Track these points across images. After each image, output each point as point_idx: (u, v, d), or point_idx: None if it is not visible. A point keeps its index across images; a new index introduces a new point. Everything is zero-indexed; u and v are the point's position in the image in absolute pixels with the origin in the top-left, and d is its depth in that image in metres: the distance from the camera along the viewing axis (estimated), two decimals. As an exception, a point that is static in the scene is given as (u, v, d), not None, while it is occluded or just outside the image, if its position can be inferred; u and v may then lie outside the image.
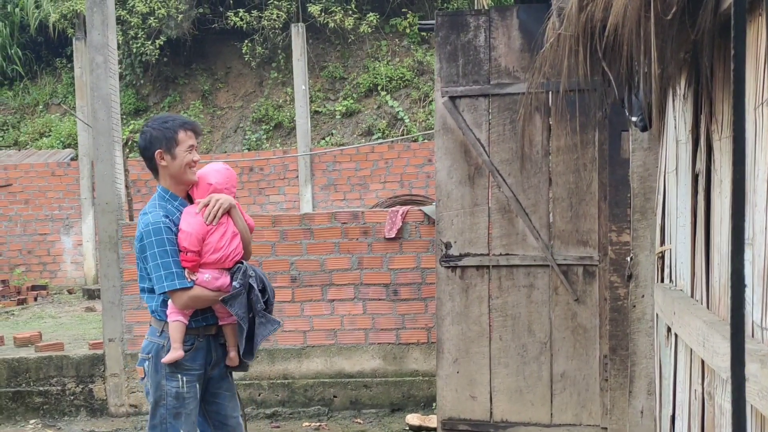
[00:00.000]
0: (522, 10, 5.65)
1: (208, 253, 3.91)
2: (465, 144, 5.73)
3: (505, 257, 5.72)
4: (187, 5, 15.80)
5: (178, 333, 3.90)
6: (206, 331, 4.01)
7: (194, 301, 3.89)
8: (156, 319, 4.00)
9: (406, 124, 15.07)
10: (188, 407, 3.95)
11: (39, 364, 7.28)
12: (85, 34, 13.63)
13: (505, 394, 5.76)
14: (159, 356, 3.93)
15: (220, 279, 3.95)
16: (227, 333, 4.07)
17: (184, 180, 3.96)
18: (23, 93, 17.80)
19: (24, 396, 7.23)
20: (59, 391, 7.25)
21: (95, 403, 7.26)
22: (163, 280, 3.83)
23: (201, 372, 4.00)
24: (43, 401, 7.24)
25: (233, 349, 4.07)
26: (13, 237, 14.04)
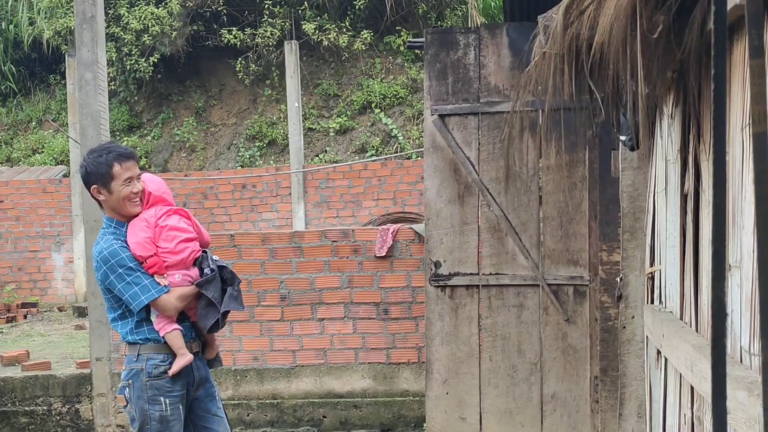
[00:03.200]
0: (512, 28, 5.62)
1: (169, 257, 3.93)
2: (454, 162, 5.69)
3: (494, 276, 5.66)
4: (181, 22, 15.78)
5: (179, 340, 3.90)
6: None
7: (182, 301, 3.91)
8: (129, 344, 3.97)
9: (399, 142, 15.04)
10: (173, 429, 3.91)
11: (25, 384, 7.20)
12: (78, 50, 13.63)
13: (494, 415, 5.69)
14: (140, 381, 3.89)
15: (190, 274, 3.98)
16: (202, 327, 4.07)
17: (124, 212, 3.95)
18: (16, 109, 17.76)
19: (9, 416, 7.14)
20: (45, 411, 7.16)
21: (81, 424, 7.17)
22: (140, 295, 3.82)
23: (183, 392, 3.95)
24: (29, 421, 7.15)
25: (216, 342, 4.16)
26: (4, 254, 13.93)
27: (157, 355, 3.91)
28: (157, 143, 16.51)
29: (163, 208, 3.99)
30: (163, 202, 4.02)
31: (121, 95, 16.63)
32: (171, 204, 4.06)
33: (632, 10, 2.75)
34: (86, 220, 7.18)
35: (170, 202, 4.07)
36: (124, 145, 4.12)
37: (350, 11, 16.09)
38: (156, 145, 16.43)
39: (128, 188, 3.87)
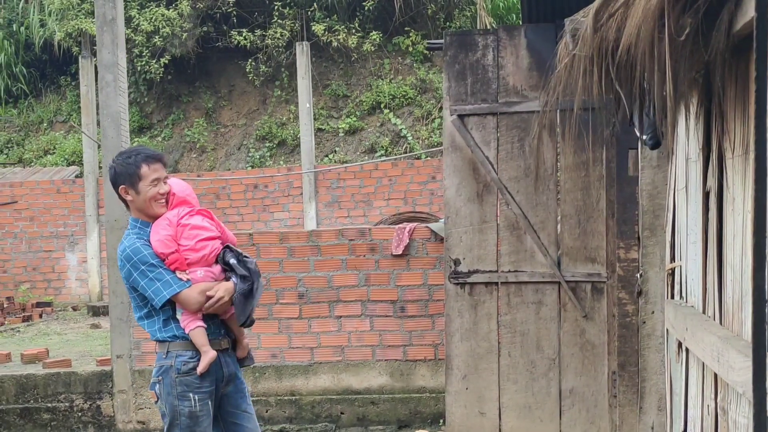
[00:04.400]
0: (530, 30, 5.72)
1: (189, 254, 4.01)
2: (473, 162, 5.79)
3: (513, 274, 5.76)
4: (192, 24, 15.90)
5: (202, 337, 3.96)
6: (213, 345, 4.02)
7: (205, 295, 3.96)
8: (159, 342, 4.05)
9: (409, 142, 15.14)
10: (202, 425, 3.98)
11: (47, 381, 7.31)
12: (90, 52, 13.75)
13: (513, 410, 5.79)
14: (169, 378, 3.97)
15: (212, 270, 4.05)
16: (233, 324, 4.13)
17: (150, 213, 4.04)
18: (28, 111, 17.89)
19: (32, 412, 7.25)
20: (67, 407, 7.26)
21: (103, 420, 7.27)
22: (162, 290, 3.91)
23: (212, 389, 4.02)
24: (51, 418, 7.26)
25: (244, 338, 4.20)
26: (18, 254, 14.07)
27: (185, 351, 3.98)
28: (168, 144, 16.63)
29: (186, 209, 4.07)
30: (187, 203, 4.10)
31: (132, 96, 16.75)
32: (194, 206, 4.15)
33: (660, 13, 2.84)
34: (107, 219, 7.28)
35: (194, 204, 4.14)
36: (152, 148, 4.19)
37: (359, 12, 16.20)
38: (166, 146, 16.55)
39: (155, 189, 3.97)
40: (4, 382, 7.29)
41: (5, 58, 17.70)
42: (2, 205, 14.10)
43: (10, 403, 7.27)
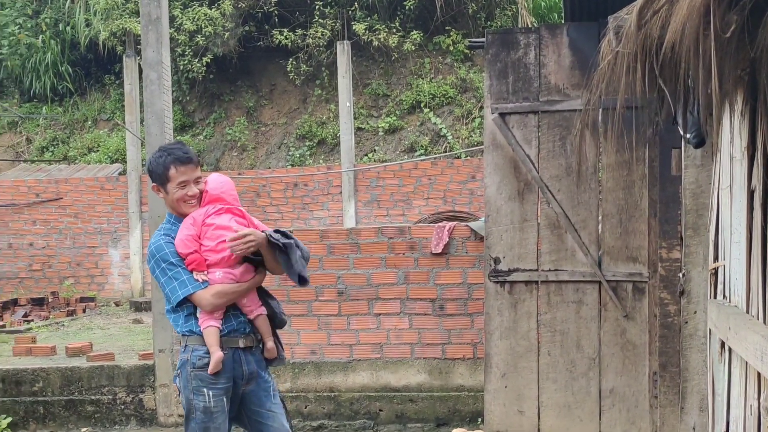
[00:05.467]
0: (572, 28, 5.71)
1: (209, 255, 4.01)
2: (514, 160, 5.79)
3: (554, 273, 5.75)
4: (234, 23, 16.03)
5: (212, 337, 3.96)
6: (229, 342, 4.03)
7: (219, 297, 3.95)
8: (180, 336, 4.10)
9: (448, 141, 15.13)
10: (216, 421, 3.99)
11: (91, 374, 7.43)
12: (135, 51, 13.95)
13: (553, 409, 5.78)
14: (186, 371, 4.01)
15: (232, 272, 4.02)
16: (259, 325, 4.11)
17: (179, 212, 4.07)
18: (73, 109, 18.16)
19: (76, 404, 7.38)
20: (110, 400, 7.38)
21: (145, 413, 7.38)
22: (177, 289, 3.94)
23: (228, 385, 4.02)
24: (95, 410, 7.38)
25: (269, 340, 4.14)
26: (63, 250, 14.30)
27: (201, 347, 3.99)
28: (209, 142, 16.79)
29: (215, 207, 4.06)
30: (221, 201, 4.08)
31: (174, 95, 16.92)
32: (228, 203, 4.11)
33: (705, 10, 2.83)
34: (149, 216, 7.39)
35: (228, 201, 4.11)
36: (186, 148, 4.14)
37: (400, 12, 16.21)
38: (208, 144, 16.71)
39: (182, 191, 4.00)
40: (50, 375, 7.43)
41: (51, 57, 17.98)
42: (48, 201, 14.35)
43: (56, 395, 7.41)
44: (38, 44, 17.95)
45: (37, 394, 7.41)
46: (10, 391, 7.42)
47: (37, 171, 15.99)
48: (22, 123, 18.02)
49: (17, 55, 18.15)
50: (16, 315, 11.48)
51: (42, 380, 7.43)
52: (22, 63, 18.20)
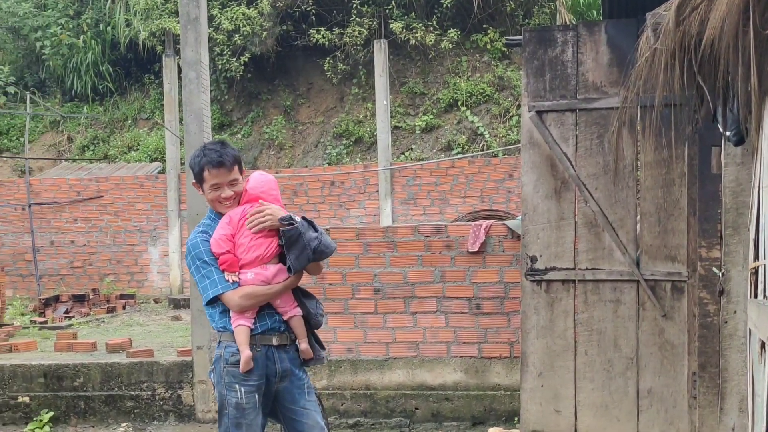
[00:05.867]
0: (611, 25, 5.66)
1: (242, 254, 4.00)
2: (551, 158, 5.76)
3: (591, 272, 5.71)
4: (271, 22, 16.13)
5: (242, 336, 3.96)
6: (263, 340, 4.03)
7: (248, 299, 3.95)
8: (216, 331, 4.13)
9: (486, 140, 15.08)
10: (248, 417, 4.00)
11: (130, 370, 7.53)
12: (174, 51, 14.09)
13: (590, 409, 5.74)
14: (219, 367, 4.03)
15: (264, 273, 4.00)
16: (294, 326, 4.10)
17: (216, 210, 4.08)
18: (113, 108, 18.39)
19: (116, 399, 7.48)
20: (149, 396, 7.47)
21: (183, 409, 7.46)
22: (208, 288, 3.96)
23: (260, 383, 4.02)
24: (134, 405, 7.48)
25: (303, 341, 4.11)
26: (103, 247, 14.51)
27: (233, 343, 4.00)
28: (247, 141, 16.91)
29: (252, 206, 4.04)
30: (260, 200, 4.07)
31: (213, 94, 17.06)
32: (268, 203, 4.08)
33: (744, 6, 2.80)
34: (188, 214, 7.46)
35: (268, 201, 4.08)
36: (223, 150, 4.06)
37: (437, 10, 16.20)
38: (246, 143, 16.83)
39: (215, 193, 4.01)
40: (91, 370, 7.54)
41: (92, 57, 18.23)
42: (89, 199, 14.56)
43: (96, 390, 7.51)
44: (79, 44, 18.21)
45: (78, 389, 7.53)
46: (51, 385, 7.55)
47: (78, 169, 16.23)
48: (63, 122, 18.30)
49: (59, 56, 18.44)
50: (58, 311, 11.66)
51: (83, 375, 7.54)
52: (63, 63, 18.49)
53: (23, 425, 7.47)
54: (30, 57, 19.54)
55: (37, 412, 7.49)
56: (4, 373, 7.61)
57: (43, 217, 14.68)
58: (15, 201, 14.78)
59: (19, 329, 10.08)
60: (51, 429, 7.39)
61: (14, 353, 8.28)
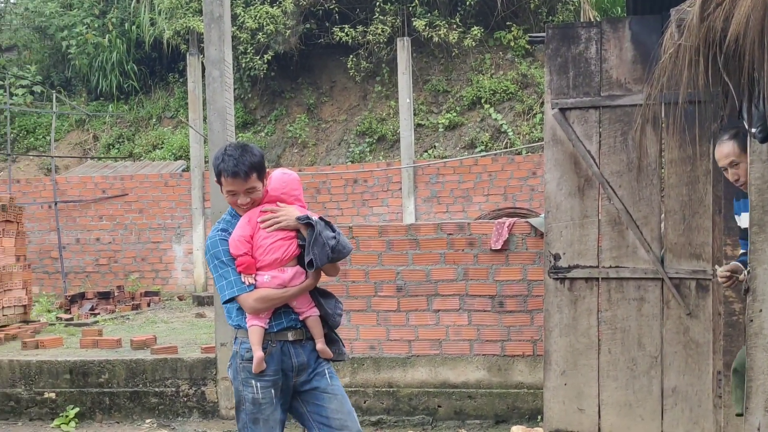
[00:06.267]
0: (635, 22, 5.63)
1: (260, 255, 3.95)
2: (575, 156, 5.73)
3: (614, 270, 5.68)
4: (295, 21, 16.17)
5: (255, 336, 3.94)
6: (279, 336, 4.01)
7: (262, 302, 3.92)
8: (233, 328, 4.12)
9: (509, 137, 15.04)
10: (265, 413, 3.99)
11: (155, 366, 7.58)
12: (198, 49, 14.16)
13: (613, 407, 5.71)
14: (235, 363, 4.04)
15: (281, 276, 3.96)
16: (310, 326, 4.06)
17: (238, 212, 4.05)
18: (138, 107, 18.53)
19: (140, 396, 7.54)
20: (173, 392, 7.52)
21: (207, 405, 7.50)
22: (224, 289, 3.94)
23: (276, 378, 4.00)
24: (158, 402, 7.53)
25: (320, 341, 4.07)
26: (128, 245, 14.62)
27: (248, 340, 4.00)
28: (270, 139, 16.97)
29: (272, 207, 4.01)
30: (280, 201, 4.03)
31: (236, 92, 17.13)
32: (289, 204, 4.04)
33: (770, 1, 2.77)
34: (212, 212, 7.49)
35: (290, 202, 4.05)
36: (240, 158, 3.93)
37: (460, 7, 16.17)
38: (269, 141, 16.89)
39: (232, 199, 3.98)
40: (115, 366, 7.61)
41: (117, 56, 18.37)
42: (114, 197, 14.67)
43: (121, 386, 7.57)
44: (105, 43, 18.36)
45: (103, 386, 7.59)
46: (77, 381, 7.62)
47: (103, 168, 16.37)
48: (89, 121, 18.46)
49: (85, 55, 18.61)
50: (84, 308, 11.76)
51: (108, 372, 7.60)
52: (89, 62, 18.66)
53: (50, 420, 7.55)
54: (56, 56, 19.74)
55: (63, 407, 7.57)
56: (31, 369, 7.70)
57: (69, 215, 14.82)
58: (41, 199, 14.93)
59: (46, 326, 10.18)
60: (77, 424, 7.46)
61: (41, 349, 8.36)
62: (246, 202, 3.97)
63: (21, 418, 7.67)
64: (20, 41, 20.29)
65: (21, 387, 7.69)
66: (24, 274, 10.23)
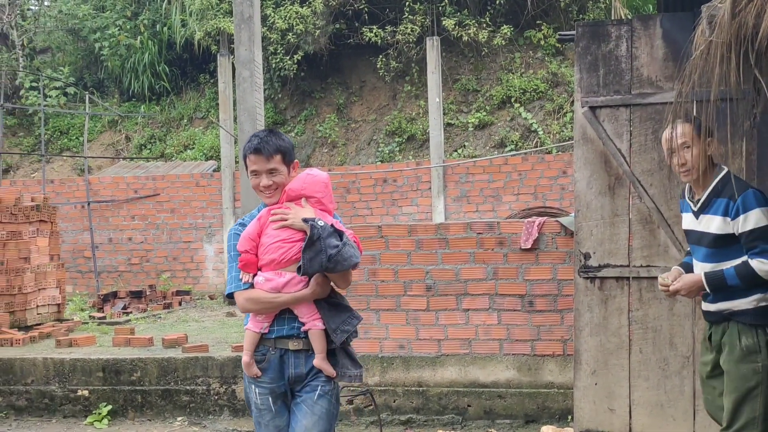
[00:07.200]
0: (666, 19, 5.58)
1: (261, 255, 3.83)
2: (605, 154, 5.70)
3: (645, 269, 5.64)
4: (325, 21, 16.22)
5: (247, 340, 3.86)
6: (279, 343, 3.87)
7: (252, 303, 3.80)
8: None
9: (539, 136, 14.98)
10: (264, 418, 3.91)
11: (186, 364, 7.64)
12: (228, 50, 14.26)
13: (644, 407, 5.67)
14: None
15: (276, 279, 3.79)
16: (312, 339, 3.87)
17: (262, 200, 3.95)
18: (169, 108, 18.69)
19: (172, 394, 7.60)
20: (204, 390, 7.58)
21: (237, 404, 7.55)
22: (228, 283, 3.90)
23: (274, 386, 3.89)
24: (190, 400, 7.59)
25: (319, 356, 3.86)
26: (160, 244, 14.75)
27: None
28: (300, 139, 17.04)
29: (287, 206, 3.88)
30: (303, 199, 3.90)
31: (266, 93, 17.22)
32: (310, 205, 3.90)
33: (803, -3, 2.74)
34: (243, 212, 7.55)
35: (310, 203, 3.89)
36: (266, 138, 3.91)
37: (490, 6, 16.14)
38: (299, 141, 16.96)
39: (255, 180, 3.88)
40: (147, 365, 7.68)
41: (149, 57, 18.55)
42: (145, 197, 14.81)
43: (152, 384, 7.64)
44: (137, 45, 18.55)
45: (135, 384, 7.67)
46: (110, 379, 7.71)
47: (135, 168, 16.53)
48: (121, 122, 18.65)
49: (117, 56, 18.82)
50: (116, 307, 11.89)
51: (140, 370, 7.68)
52: (121, 63, 18.86)
53: (83, 418, 7.64)
54: (89, 58, 19.98)
55: (96, 405, 7.66)
56: (65, 367, 7.80)
57: (102, 215, 14.98)
58: (75, 199, 15.11)
59: (79, 324, 10.30)
60: (109, 422, 7.54)
61: (74, 348, 8.47)
62: (268, 185, 3.85)
63: (55, 415, 7.77)
64: (54, 43, 20.55)
65: (55, 384, 7.79)
66: (58, 274, 10.36)
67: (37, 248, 9.91)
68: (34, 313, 9.81)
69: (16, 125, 19.50)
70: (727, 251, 4.13)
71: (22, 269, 9.59)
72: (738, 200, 4.04)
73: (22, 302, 9.57)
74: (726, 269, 4.11)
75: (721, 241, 4.13)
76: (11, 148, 18.55)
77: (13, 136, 19.26)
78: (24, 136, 19.37)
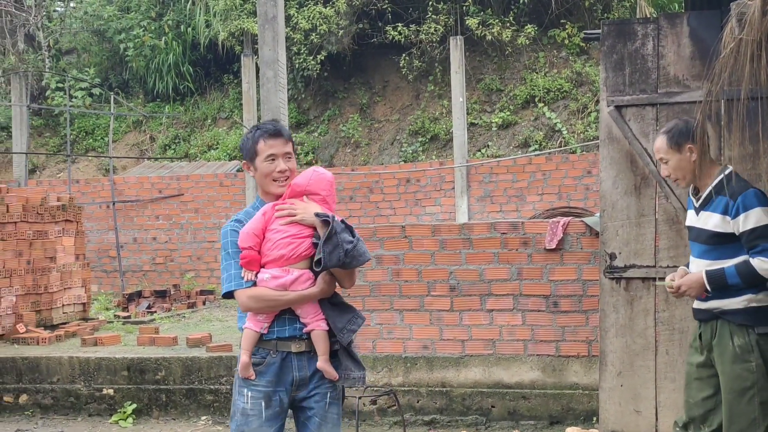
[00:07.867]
0: (693, 17, 5.52)
1: (267, 250, 3.69)
2: (631, 154, 5.65)
3: (672, 270, 5.57)
4: (348, 21, 16.24)
5: (246, 340, 3.69)
6: (280, 346, 3.70)
7: (255, 301, 3.64)
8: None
9: (563, 136, 14.90)
10: (251, 425, 3.69)
11: (210, 364, 7.66)
12: (252, 50, 14.30)
13: (671, 409, 5.61)
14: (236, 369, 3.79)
15: (283, 277, 3.66)
16: (314, 340, 3.73)
17: (268, 191, 3.79)
18: (193, 108, 18.78)
19: (196, 393, 7.63)
20: (228, 390, 7.58)
21: (261, 403, 7.55)
22: (225, 282, 3.72)
23: (269, 390, 3.69)
24: (213, 399, 7.61)
25: (321, 359, 3.72)
26: (184, 244, 14.81)
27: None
28: (324, 139, 17.06)
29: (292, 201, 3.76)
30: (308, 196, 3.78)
31: (290, 93, 17.26)
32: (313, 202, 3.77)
33: (836, -6, 2.70)
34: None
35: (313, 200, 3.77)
36: (278, 124, 3.87)
37: (514, 5, 16.08)
38: (322, 141, 16.98)
39: (271, 166, 3.72)
40: (172, 364, 7.71)
41: (173, 58, 18.65)
42: (170, 197, 14.89)
43: (177, 383, 7.67)
44: (161, 46, 18.66)
45: (160, 383, 7.71)
46: (134, 378, 7.75)
47: (159, 168, 16.62)
48: (146, 122, 18.77)
49: (142, 57, 18.94)
50: (141, 306, 11.95)
51: (164, 369, 7.72)
52: (146, 64, 18.98)
53: (108, 416, 7.69)
54: (114, 59, 20.12)
55: (121, 404, 7.70)
56: (90, 365, 7.85)
57: (127, 215, 15.07)
58: (100, 199, 15.21)
59: (104, 323, 10.36)
60: (134, 421, 7.58)
61: (99, 347, 8.52)
62: (284, 169, 3.73)
63: (80, 413, 7.83)
64: (80, 44, 20.71)
65: (80, 383, 7.85)
66: (83, 273, 10.44)
67: (62, 248, 9.99)
68: (60, 312, 9.88)
69: (42, 126, 19.69)
70: (724, 249, 4.17)
71: (48, 268, 9.67)
72: (738, 199, 4.08)
73: (48, 301, 9.66)
74: (727, 267, 4.13)
75: (717, 238, 4.17)
76: (37, 149, 18.71)
77: (39, 136, 19.44)
78: (50, 137, 19.55)
